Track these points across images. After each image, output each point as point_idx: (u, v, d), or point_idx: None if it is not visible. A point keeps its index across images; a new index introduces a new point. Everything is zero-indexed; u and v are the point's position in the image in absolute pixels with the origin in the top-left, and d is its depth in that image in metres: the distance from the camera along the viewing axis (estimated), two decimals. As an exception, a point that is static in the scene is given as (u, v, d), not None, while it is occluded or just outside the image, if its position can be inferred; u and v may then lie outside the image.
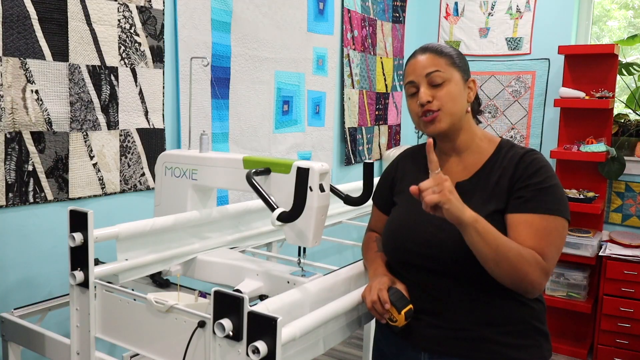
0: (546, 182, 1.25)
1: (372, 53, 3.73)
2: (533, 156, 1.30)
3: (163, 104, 2.29)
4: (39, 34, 1.84)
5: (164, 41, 2.27)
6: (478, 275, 1.24)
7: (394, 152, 3.90)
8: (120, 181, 2.16)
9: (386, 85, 3.95)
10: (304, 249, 1.55)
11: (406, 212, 1.40)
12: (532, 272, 1.19)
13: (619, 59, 3.49)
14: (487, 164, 1.34)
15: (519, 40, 3.90)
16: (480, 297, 1.27)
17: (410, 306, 1.29)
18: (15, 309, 1.65)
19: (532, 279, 1.19)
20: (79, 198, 2.02)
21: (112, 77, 2.09)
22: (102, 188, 2.09)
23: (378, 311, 1.29)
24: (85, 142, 2.02)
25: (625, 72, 3.58)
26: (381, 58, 3.85)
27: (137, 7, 2.15)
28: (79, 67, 1.97)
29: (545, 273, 1.20)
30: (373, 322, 1.49)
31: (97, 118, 2.05)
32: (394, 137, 4.14)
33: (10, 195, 1.81)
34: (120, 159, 2.15)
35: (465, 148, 1.36)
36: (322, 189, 1.43)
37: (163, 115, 2.30)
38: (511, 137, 3.94)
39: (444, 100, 1.30)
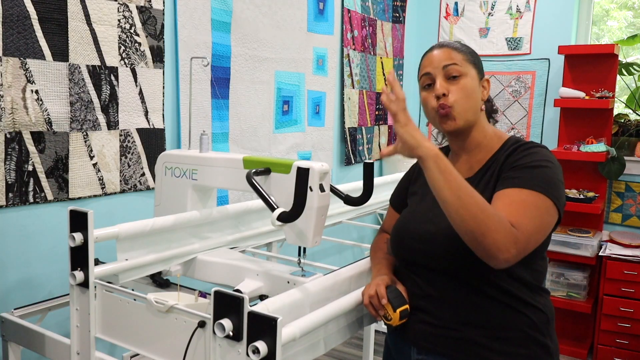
0: (534, 162, 1.21)
1: (372, 53, 3.73)
2: (530, 144, 1.28)
3: (163, 104, 2.29)
4: (39, 34, 1.84)
5: (164, 41, 2.27)
6: (469, 275, 1.23)
7: (394, 152, 3.89)
8: (120, 181, 2.16)
9: (386, 85, 3.95)
10: (304, 249, 1.55)
11: (411, 211, 1.42)
12: (495, 230, 1.07)
13: (619, 59, 3.49)
14: (490, 160, 1.33)
15: (519, 40, 3.90)
16: (469, 297, 1.25)
17: (407, 306, 1.29)
18: (15, 309, 1.65)
19: (496, 237, 1.07)
20: (79, 198, 2.02)
21: (112, 77, 2.09)
22: (102, 188, 2.09)
23: (374, 306, 1.30)
24: (85, 142, 2.02)
25: (625, 72, 3.59)
26: (381, 58, 3.85)
27: (137, 7, 2.15)
28: (79, 67, 1.97)
29: (513, 238, 1.08)
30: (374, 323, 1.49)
31: (97, 118, 2.05)
32: (394, 137, 4.14)
33: (10, 195, 1.81)
34: (120, 159, 2.15)
35: (475, 146, 1.36)
36: (322, 189, 1.42)
37: (163, 115, 2.30)
38: (511, 137, 3.93)
39: (459, 94, 1.29)
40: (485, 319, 1.25)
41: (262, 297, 1.55)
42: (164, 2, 2.26)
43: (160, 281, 1.71)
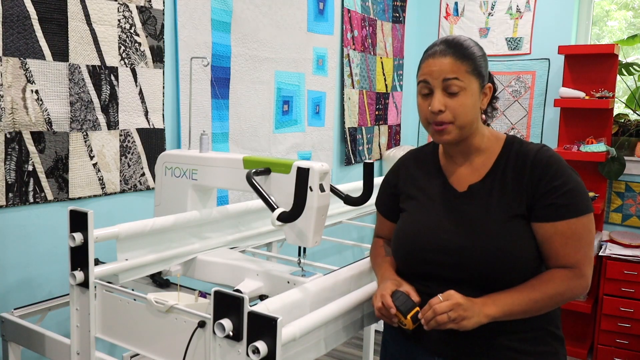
0: (569, 183, 1.23)
1: (372, 53, 3.73)
2: (547, 154, 1.26)
3: (163, 104, 2.29)
4: (39, 34, 1.84)
5: (164, 41, 2.27)
6: (494, 282, 1.22)
7: (394, 152, 3.90)
8: (120, 181, 2.16)
9: (386, 85, 3.95)
10: (304, 249, 1.55)
11: (416, 220, 1.36)
12: (569, 289, 1.24)
13: (619, 59, 3.49)
14: (498, 163, 1.31)
15: (519, 40, 3.90)
16: None
17: (417, 309, 1.25)
18: (15, 309, 1.65)
19: (573, 292, 1.26)
20: (79, 198, 2.02)
21: (112, 77, 2.09)
22: (102, 188, 2.09)
23: (386, 317, 1.27)
24: (85, 142, 2.02)
25: (625, 72, 3.58)
26: (381, 58, 3.85)
27: (137, 7, 2.15)
28: (79, 67, 1.97)
29: (583, 278, 1.26)
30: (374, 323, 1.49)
31: (97, 118, 2.05)
32: (394, 137, 4.14)
33: (10, 195, 1.81)
34: (120, 159, 2.15)
35: (474, 150, 1.34)
36: (322, 189, 1.42)
37: (163, 115, 2.30)
38: (511, 137, 3.93)
39: (457, 112, 1.25)
40: (513, 323, 1.24)
41: (262, 297, 1.55)
42: (164, 2, 2.26)
43: (160, 281, 1.71)
